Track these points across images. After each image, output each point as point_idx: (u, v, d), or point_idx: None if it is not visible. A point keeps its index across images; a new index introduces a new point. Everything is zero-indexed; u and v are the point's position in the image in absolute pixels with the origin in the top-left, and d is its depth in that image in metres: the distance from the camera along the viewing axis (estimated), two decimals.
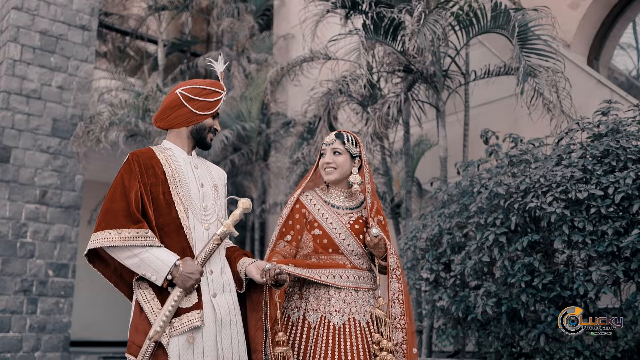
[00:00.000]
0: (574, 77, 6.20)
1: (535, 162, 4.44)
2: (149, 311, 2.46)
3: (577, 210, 3.95)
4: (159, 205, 2.57)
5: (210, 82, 2.77)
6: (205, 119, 2.71)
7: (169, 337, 2.43)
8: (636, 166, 3.78)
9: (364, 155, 2.99)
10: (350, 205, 2.96)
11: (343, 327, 2.74)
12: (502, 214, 4.31)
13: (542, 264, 4.12)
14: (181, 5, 10.06)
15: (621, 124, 4.13)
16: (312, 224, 2.89)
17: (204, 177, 2.74)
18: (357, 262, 2.86)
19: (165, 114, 2.72)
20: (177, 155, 2.71)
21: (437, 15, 5.04)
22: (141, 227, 2.48)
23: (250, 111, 8.45)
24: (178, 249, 2.53)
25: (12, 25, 8.55)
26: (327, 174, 2.92)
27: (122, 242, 2.44)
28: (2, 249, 8.09)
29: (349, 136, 2.94)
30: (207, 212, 2.66)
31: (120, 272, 2.65)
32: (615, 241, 3.77)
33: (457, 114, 6.59)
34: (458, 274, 4.66)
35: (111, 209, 2.51)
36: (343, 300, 2.78)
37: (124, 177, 2.57)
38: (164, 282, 2.47)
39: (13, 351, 8.01)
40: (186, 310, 2.48)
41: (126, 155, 2.69)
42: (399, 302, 2.83)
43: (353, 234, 2.86)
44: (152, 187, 2.57)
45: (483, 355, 4.98)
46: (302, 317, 2.80)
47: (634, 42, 8.55)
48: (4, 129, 8.32)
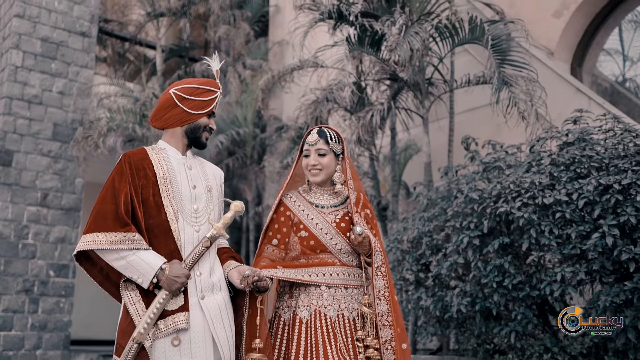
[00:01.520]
0: (554, 85, 6.43)
1: (507, 168, 4.68)
2: (134, 313, 2.47)
3: (544, 214, 4.19)
4: (148, 207, 2.56)
5: (204, 80, 2.75)
6: (200, 118, 2.69)
7: (152, 340, 2.44)
8: (598, 174, 4.01)
9: (346, 151, 2.98)
10: (334, 203, 2.93)
11: (337, 320, 2.74)
12: (476, 218, 4.55)
13: (512, 265, 4.35)
14: (179, 12, 10.30)
15: (586, 133, 4.36)
16: (298, 225, 2.87)
17: (197, 178, 2.71)
18: (346, 260, 2.84)
19: (160, 114, 2.70)
20: (170, 155, 2.70)
21: (418, 28, 5.27)
22: (128, 230, 2.47)
23: (245, 116, 8.69)
24: (166, 252, 2.53)
25: (14, 33, 8.80)
26: (313, 175, 2.88)
27: (109, 245, 2.45)
28: (5, 250, 8.34)
29: (332, 134, 2.90)
30: (198, 214, 2.64)
31: (107, 272, 2.64)
32: (579, 244, 4.01)
33: (443, 120, 6.83)
34: (436, 274, 4.90)
35: (101, 210, 2.52)
36: (333, 296, 2.77)
37: (114, 179, 2.57)
38: (150, 285, 2.47)
39: (15, 349, 8.26)
40: (172, 312, 2.48)
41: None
42: (385, 299, 2.80)
43: (340, 232, 2.83)
44: (143, 188, 2.57)
45: (462, 353, 5.21)
46: (293, 315, 2.78)
47: (620, 47, 8.79)
48: (6, 134, 8.57)
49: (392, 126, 6.59)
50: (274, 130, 8.91)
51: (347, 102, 6.38)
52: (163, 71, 10.49)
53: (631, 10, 7.86)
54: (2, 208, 8.40)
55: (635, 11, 8.20)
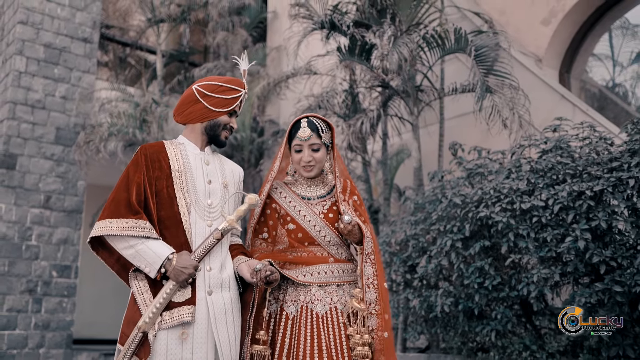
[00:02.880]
0: (540, 92, 6.65)
1: (489, 174, 4.89)
2: (141, 302, 2.46)
3: (522, 219, 4.40)
4: (161, 199, 2.57)
5: (228, 79, 2.73)
6: (220, 116, 2.67)
7: (156, 330, 2.43)
8: (572, 180, 4.23)
9: (334, 137, 2.93)
10: (321, 194, 2.88)
11: (325, 316, 2.69)
12: (459, 222, 4.76)
13: (492, 267, 4.57)
14: (179, 18, 10.50)
15: (563, 141, 4.57)
16: (285, 218, 2.82)
17: (214, 174, 2.70)
18: (336, 253, 2.79)
19: (182, 109, 2.71)
20: (188, 150, 2.70)
21: (407, 38, 5.49)
22: (139, 218, 2.48)
23: (243, 121, 8.90)
24: (176, 244, 2.53)
25: (17, 39, 9.00)
26: (307, 171, 2.82)
27: (119, 231, 2.46)
28: (9, 252, 8.54)
29: (321, 125, 2.83)
30: (212, 209, 2.63)
31: (124, 262, 2.63)
32: (555, 247, 4.22)
33: (434, 125, 7.05)
34: (422, 275, 5.11)
35: (115, 198, 2.54)
36: (324, 290, 2.73)
37: (130, 169, 2.59)
38: (157, 275, 2.47)
39: (19, 348, 8.47)
40: (178, 304, 2.46)
41: (125, 163, 2.90)
42: (373, 287, 2.72)
43: (328, 223, 2.79)
44: (157, 180, 2.58)
45: (448, 351, 5.43)
46: (280, 309, 2.75)
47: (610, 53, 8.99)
48: (10, 138, 8.77)
49: (383, 131, 6.80)
50: (271, 134, 9.13)
51: (339, 108, 6.59)
52: (163, 75, 10.69)
53: (618, 18, 8.07)
54: (6, 210, 8.60)
55: (624, 18, 8.42)
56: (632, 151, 4.18)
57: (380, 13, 6.27)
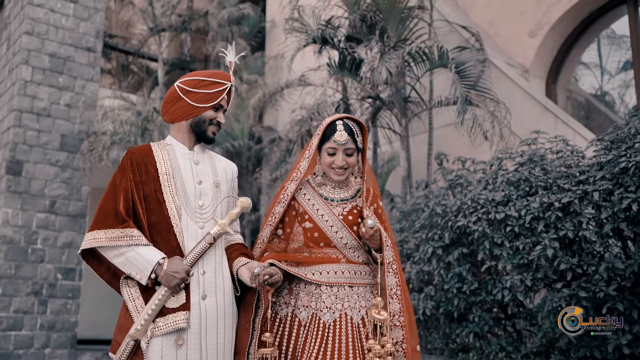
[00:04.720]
0: (525, 103, 6.93)
1: (469, 185, 5.18)
2: (133, 310, 2.42)
3: (497, 228, 4.69)
4: (151, 203, 2.51)
5: (210, 72, 2.67)
6: (205, 112, 2.60)
7: (149, 338, 2.38)
8: (543, 192, 4.51)
9: (367, 139, 2.86)
10: (345, 197, 2.81)
11: (334, 325, 2.59)
12: (440, 230, 5.05)
13: (470, 273, 4.86)
14: (180, 27, 10.80)
15: (536, 155, 4.85)
16: (303, 215, 2.76)
17: (204, 173, 2.64)
18: (351, 256, 2.71)
19: (166, 108, 2.64)
20: (177, 151, 2.64)
21: (393, 54, 5.78)
22: (127, 226, 2.43)
23: (242, 130, 9.18)
24: (168, 248, 2.47)
25: (23, 49, 9.27)
26: (338, 175, 2.75)
27: (108, 242, 2.42)
28: (15, 255, 8.80)
29: (356, 130, 2.76)
30: (204, 211, 2.57)
31: (114, 270, 2.57)
32: (527, 255, 4.50)
33: (423, 134, 7.34)
34: (406, 280, 5.40)
35: (103, 207, 2.50)
36: (335, 295, 2.64)
37: (116, 176, 2.54)
38: (149, 281, 2.42)
39: (25, 348, 8.73)
40: (172, 310, 2.41)
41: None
42: (397, 297, 2.64)
43: (346, 225, 2.70)
44: (144, 184, 2.52)
45: (431, 351, 5.71)
46: (292, 314, 2.69)
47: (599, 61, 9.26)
48: (17, 145, 9.04)
49: (374, 140, 7.09)
50: (268, 141, 9.41)
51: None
52: (165, 82, 10.97)
53: (603, 30, 8.34)
54: (13, 215, 8.85)
55: (610, 28, 8.68)
56: (600, 164, 4.45)
57: (370, 28, 6.56)
